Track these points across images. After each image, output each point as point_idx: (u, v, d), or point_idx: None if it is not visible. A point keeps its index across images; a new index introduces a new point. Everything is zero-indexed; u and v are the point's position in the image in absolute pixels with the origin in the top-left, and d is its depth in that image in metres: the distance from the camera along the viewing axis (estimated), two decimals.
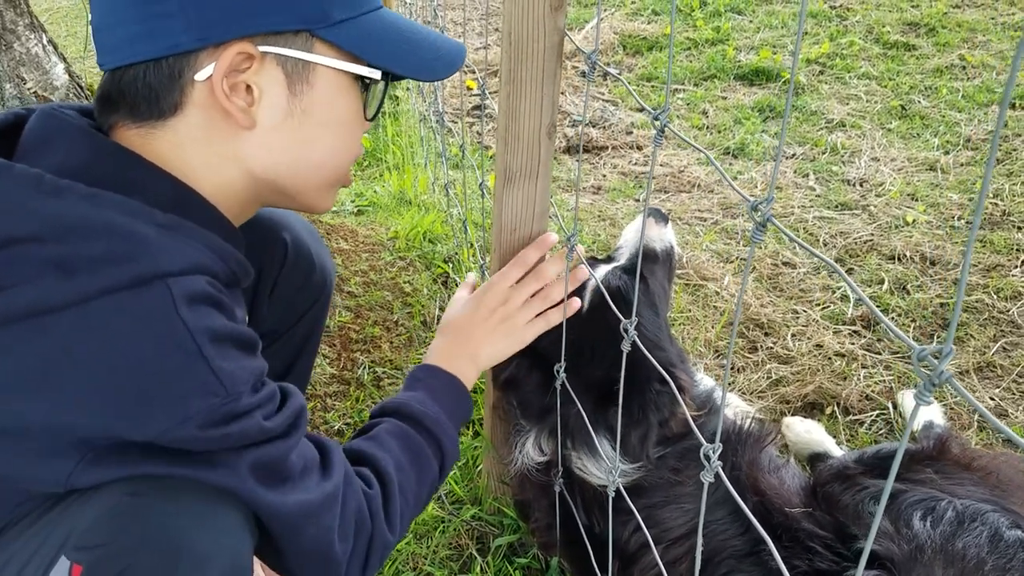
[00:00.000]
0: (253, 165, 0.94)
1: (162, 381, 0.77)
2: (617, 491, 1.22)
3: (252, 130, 0.91)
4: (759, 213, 0.71)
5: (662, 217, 1.52)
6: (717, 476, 0.81)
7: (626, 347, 1.06)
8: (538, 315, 1.34)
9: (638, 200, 3.27)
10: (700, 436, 0.86)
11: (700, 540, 0.88)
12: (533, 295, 1.34)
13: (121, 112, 0.89)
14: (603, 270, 1.40)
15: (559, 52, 1.25)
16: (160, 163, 0.88)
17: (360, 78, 0.97)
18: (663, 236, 1.50)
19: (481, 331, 1.31)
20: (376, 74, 0.97)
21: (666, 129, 0.92)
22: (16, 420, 0.76)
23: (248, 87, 0.88)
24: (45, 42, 2.15)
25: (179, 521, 0.77)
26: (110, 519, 0.75)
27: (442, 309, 2.33)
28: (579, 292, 1.38)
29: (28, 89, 2.07)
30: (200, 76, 0.86)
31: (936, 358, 0.55)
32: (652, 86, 4.36)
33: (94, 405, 0.76)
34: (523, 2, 1.19)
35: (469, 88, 4.19)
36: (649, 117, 0.91)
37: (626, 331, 1.06)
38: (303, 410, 0.93)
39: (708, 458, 0.81)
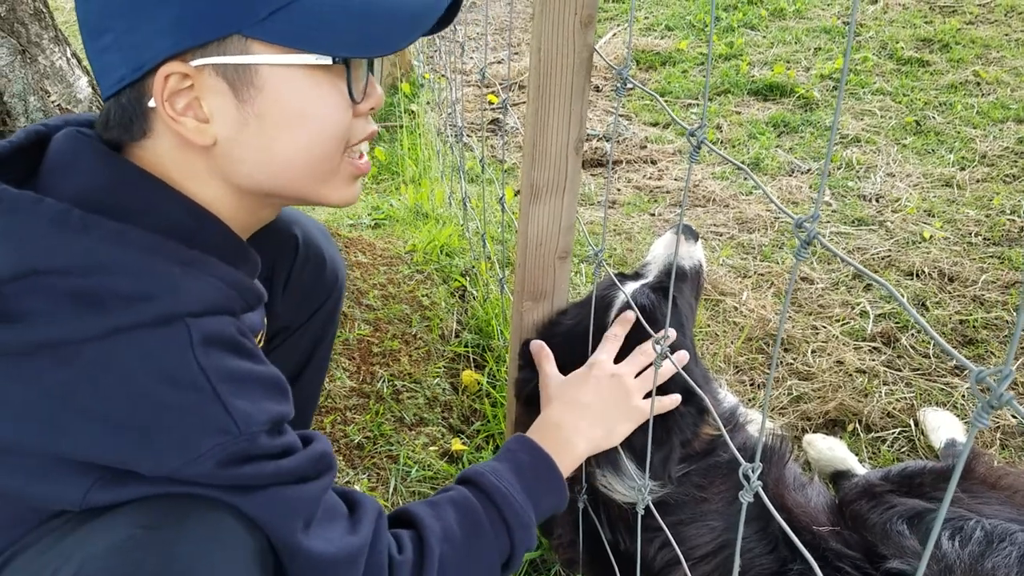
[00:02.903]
0: (231, 178, 0.91)
1: (174, 419, 0.78)
2: (644, 508, 1.21)
3: (216, 146, 0.88)
4: (804, 231, 0.71)
5: (692, 234, 1.51)
6: (756, 496, 0.81)
7: (658, 362, 1.05)
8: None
9: (653, 214, 3.27)
10: (739, 455, 0.86)
11: (738, 560, 0.87)
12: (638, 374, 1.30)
13: (108, 133, 0.90)
14: (631, 287, 1.40)
15: (588, 68, 1.26)
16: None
17: (335, 61, 0.89)
18: (692, 254, 1.49)
19: (592, 409, 1.25)
20: (325, 60, 0.87)
21: (701, 146, 0.92)
22: (35, 444, 0.77)
23: (202, 104, 0.86)
24: (69, 55, 2.17)
25: (192, 561, 0.76)
26: (122, 553, 0.74)
27: (460, 323, 2.33)
28: (607, 311, 1.37)
29: (52, 102, 2.09)
30: (151, 103, 0.85)
31: (995, 380, 0.54)
32: (667, 100, 4.37)
33: (109, 439, 0.77)
34: (553, 18, 1.20)
35: (491, 103, 4.21)
36: (686, 134, 0.91)
37: (657, 344, 1.06)
38: (327, 455, 0.92)
39: (748, 478, 0.80)
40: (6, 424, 0.76)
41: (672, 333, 1.27)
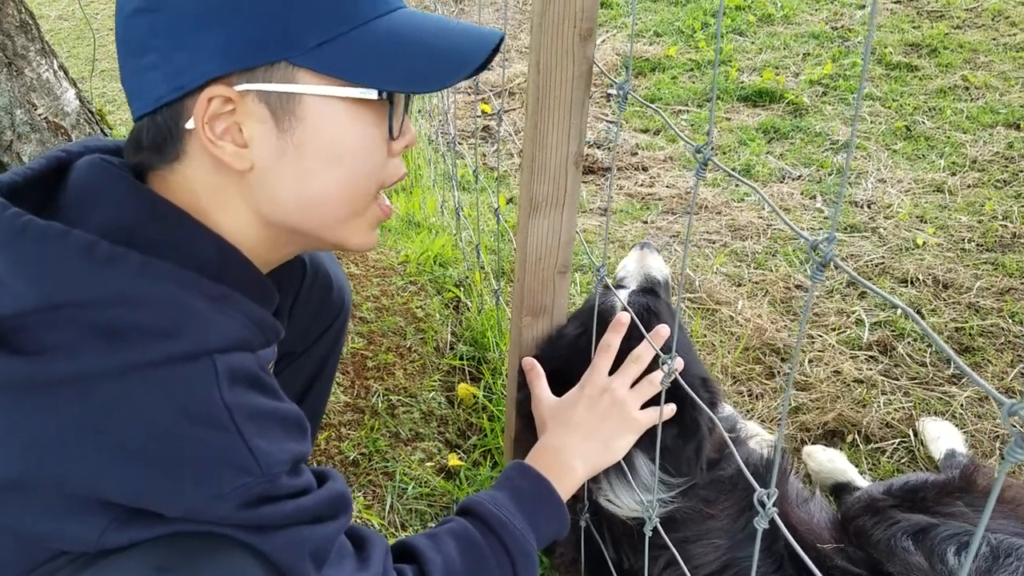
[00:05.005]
0: (260, 208, 0.89)
1: (197, 457, 0.76)
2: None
3: (251, 173, 0.86)
4: (820, 253, 0.69)
5: (652, 248, 1.59)
6: (772, 522, 0.79)
7: (670, 369, 1.04)
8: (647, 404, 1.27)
9: (646, 222, 3.26)
10: (752, 479, 0.84)
11: None
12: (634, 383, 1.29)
13: (138, 155, 0.89)
14: (623, 294, 1.41)
15: (588, 81, 1.24)
16: (177, 204, 0.87)
17: (381, 95, 0.89)
18: (660, 267, 1.56)
19: (586, 428, 1.24)
20: (370, 94, 0.86)
21: (708, 162, 0.90)
22: (52, 480, 0.75)
23: (241, 129, 0.85)
24: (56, 67, 2.14)
25: None
26: None
27: (455, 335, 2.31)
28: (607, 319, 1.36)
29: (39, 115, 2.05)
30: (189, 125, 0.83)
31: None
32: (657, 107, 4.36)
33: (128, 475, 0.75)
34: (552, 31, 1.18)
35: (485, 112, 4.19)
36: (691, 151, 0.89)
37: (665, 364, 1.04)
38: (344, 496, 0.91)
39: (763, 504, 0.78)
40: (24, 459, 0.74)
41: (679, 362, 1.26)
